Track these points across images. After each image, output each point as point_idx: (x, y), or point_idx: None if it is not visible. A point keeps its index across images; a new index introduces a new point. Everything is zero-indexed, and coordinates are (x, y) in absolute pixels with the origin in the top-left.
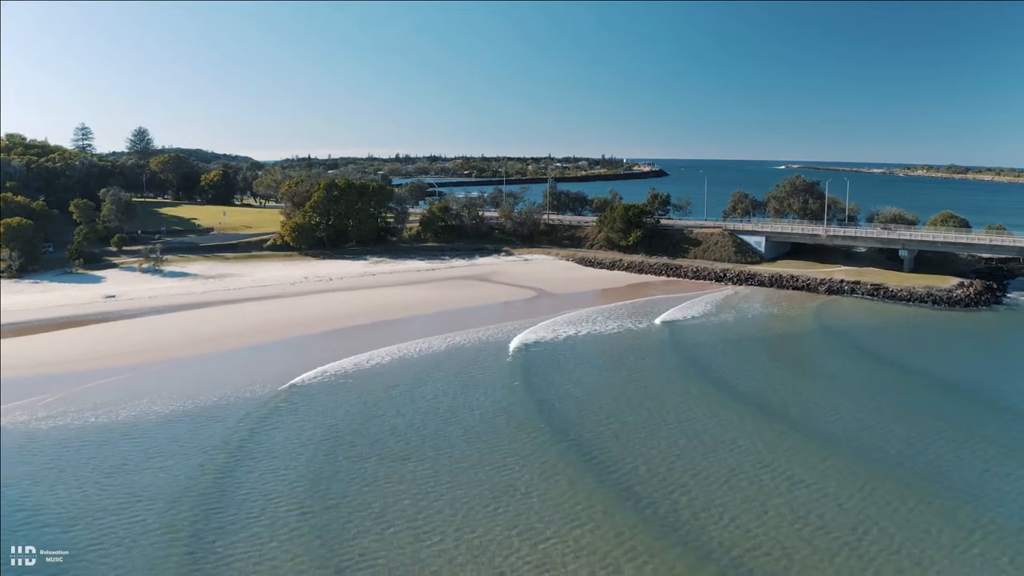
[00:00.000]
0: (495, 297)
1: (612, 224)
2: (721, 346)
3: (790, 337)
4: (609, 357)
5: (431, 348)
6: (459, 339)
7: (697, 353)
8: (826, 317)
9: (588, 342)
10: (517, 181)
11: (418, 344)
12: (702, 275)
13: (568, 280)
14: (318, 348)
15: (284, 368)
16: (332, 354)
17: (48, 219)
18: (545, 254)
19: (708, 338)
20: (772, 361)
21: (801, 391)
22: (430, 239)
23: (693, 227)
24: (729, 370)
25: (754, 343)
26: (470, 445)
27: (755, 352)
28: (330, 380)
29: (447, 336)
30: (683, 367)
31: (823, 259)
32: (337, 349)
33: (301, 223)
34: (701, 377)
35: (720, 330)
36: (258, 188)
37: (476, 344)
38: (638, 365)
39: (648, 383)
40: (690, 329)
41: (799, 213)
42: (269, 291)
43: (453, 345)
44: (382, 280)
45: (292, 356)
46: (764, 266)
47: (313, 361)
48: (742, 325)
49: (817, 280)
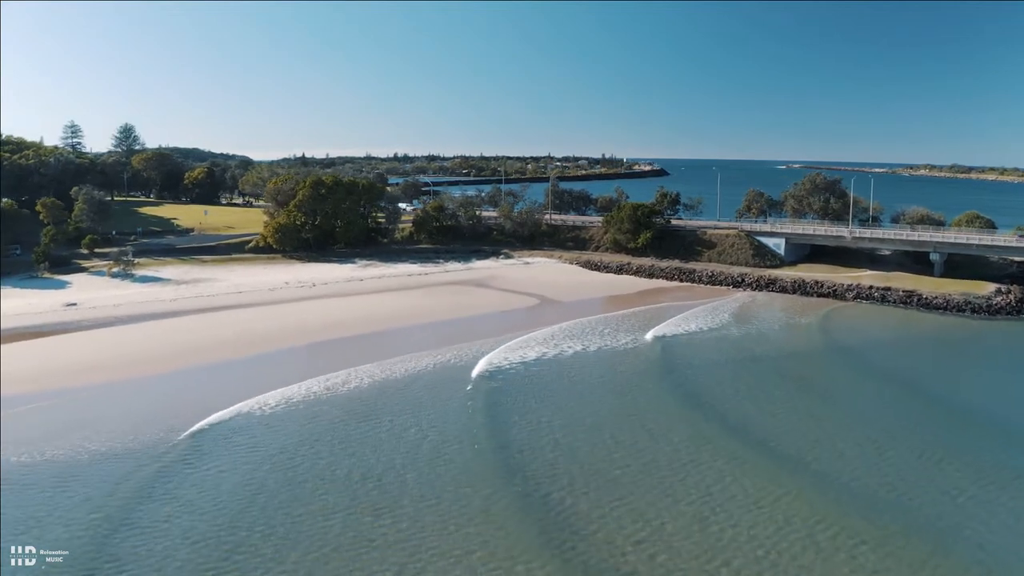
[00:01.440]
0: (492, 306)
1: (619, 225)
2: (738, 372)
3: (817, 358)
4: (613, 381)
5: (406, 370)
6: (445, 357)
7: (706, 380)
8: (856, 330)
9: (594, 360)
10: (516, 180)
11: (395, 364)
12: (718, 280)
13: (573, 286)
14: (278, 369)
15: (216, 397)
16: (291, 376)
17: (16, 219)
18: (547, 257)
19: (721, 356)
20: (796, 392)
21: (834, 440)
22: (424, 240)
23: (707, 228)
24: (747, 406)
25: (774, 365)
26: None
27: (775, 379)
28: (256, 417)
29: (432, 354)
30: (694, 397)
31: (846, 262)
32: (299, 370)
33: (285, 223)
34: (714, 419)
35: (737, 347)
36: (244, 186)
37: (458, 364)
38: (641, 393)
39: (649, 420)
40: (704, 345)
41: (820, 213)
42: (244, 298)
43: (432, 366)
44: (369, 286)
45: (240, 380)
46: (785, 270)
47: (259, 387)
48: (762, 341)
49: (844, 286)
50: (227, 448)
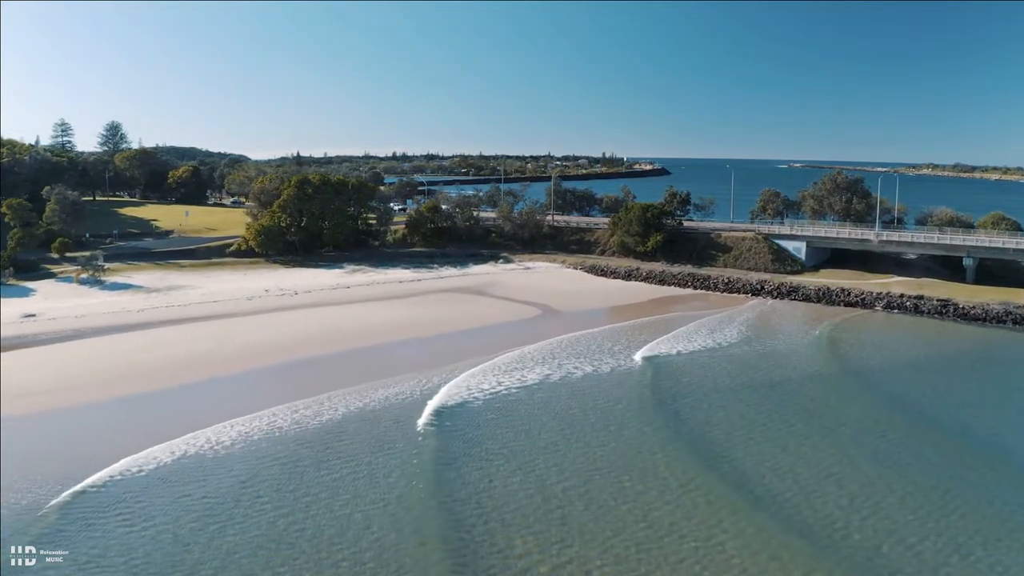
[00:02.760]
0: (490, 317)
1: (627, 227)
2: (759, 405)
3: (845, 387)
4: (608, 420)
5: (371, 401)
6: (419, 384)
7: (719, 421)
8: (888, 348)
9: (596, 388)
10: (516, 179)
11: (368, 392)
12: (735, 287)
13: (578, 293)
14: (230, 397)
15: (144, 434)
16: (243, 406)
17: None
18: (550, 261)
19: (742, 381)
20: (823, 442)
21: (863, 514)
22: (418, 243)
23: (721, 230)
24: (765, 458)
25: (799, 399)
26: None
27: (798, 418)
28: (170, 468)
29: (410, 379)
30: (702, 448)
31: (871, 267)
32: (255, 398)
33: (268, 225)
34: (734, 486)
35: (760, 370)
36: (231, 186)
37: (431, 391)
38: (645, 438)
39: (648, 486)
40: (720, 366)
41: (841, 214)
42: (218, 308)
43: (399, 397)
44: (356, 295)
45: (180, 411)
46: (807, 276)
47: (196, 422)
48: (787, 362)
49: (873, 295)
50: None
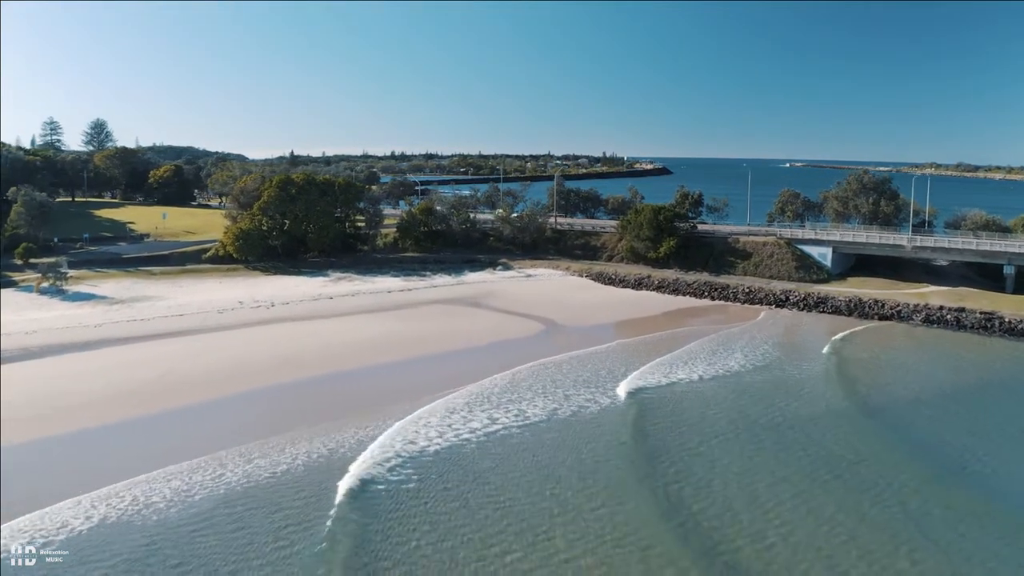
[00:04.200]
0: (487, 333)
1: (637, 230)
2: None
3: (875, 430)
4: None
5: (302, 458)
6: (375, 427)
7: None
8: (928, 373)
9: (601, 428)
10: (516, 179)
11: (325, 440)
12: (756, 298)
13: (585, 306)
14: (151, 442)
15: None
16: (164, 455)
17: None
18: (552, 268)
19: (768, 418)
20: (848, 508)
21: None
22: (410, 248)
23: (739, 235)
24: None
25: (818, 444)
26: None
27: (817, 473)
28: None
29: (374, 416)
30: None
31: (902, 275)
32: (184, 445)
33: (247, 229)
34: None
35: (776, 406)
36: (214, 185)
37: (376, 448)
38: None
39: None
40: (741, 399)
41: (868, 217)
42: (183, 323)
43: (343, 449)
44: (339, 306)
45: (97, 460)
46: (834, 285)
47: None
48: (806, 394)
49: (910, 307)
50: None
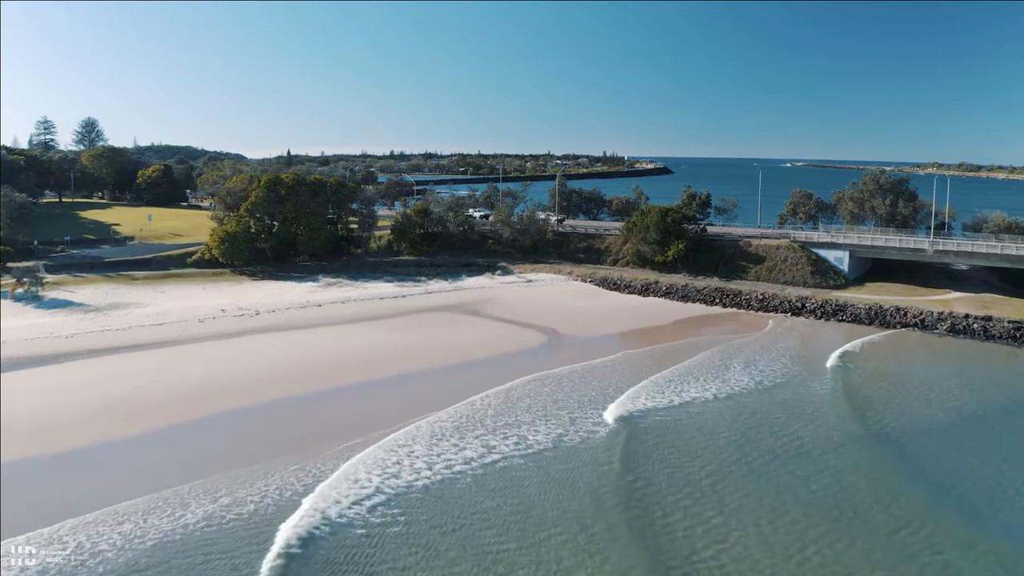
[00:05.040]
0: (485, 345)
1: (644, 233)
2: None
3: (896, 462)
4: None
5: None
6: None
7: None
8: (955, 393)
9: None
10: (516, 179)
11: (267, 480)
12: (771, 305)
13: (589, 313)
14: (120, 470)
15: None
16: (134, 485)
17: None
18: (555, 272)
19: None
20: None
21: None
22: (405, 251)
23: (750, 237)
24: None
25: (834, 485)
26: None
27: (829, 518)
28: None
29: (342, 450)
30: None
31: (921, 280)
32: (147, 478)
33: (233, 231)
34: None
35: (785, 435)
36: (203, 185)
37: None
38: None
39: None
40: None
41: (885, 219)
42: (160, 333)
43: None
44: (328, 315)
45: (35, 496)
46: (852, 291)
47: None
48: (822, 418)
49: (934, 315)
50: None
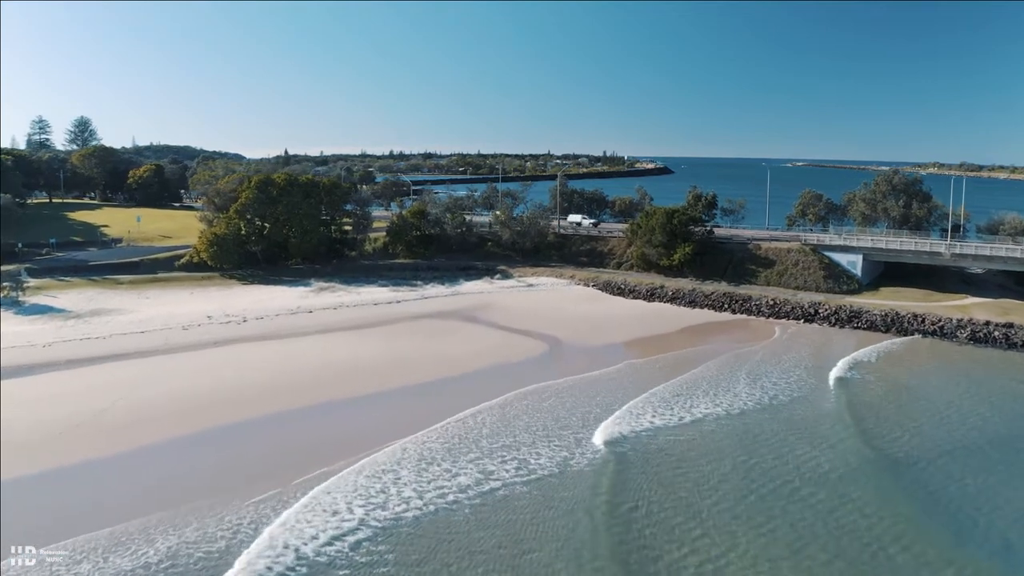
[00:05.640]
0: (481, 355)
1: (649, 235)
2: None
3: (911, 491)
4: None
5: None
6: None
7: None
8: (987, 409)
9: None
10: (516, 179)
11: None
12: (782, 311)
13: (593, 320)
14: (77, 500)
15: None
16: (88, 518)
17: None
18: (556, 276)
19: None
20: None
21: None
22: (401, 254)
23: (759, 240)
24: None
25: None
26: None
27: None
28: None
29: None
30: None
31: (937, 285)
32: (100, 511)
33: (222, 234)
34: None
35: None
36: (195, 186)
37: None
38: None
39: None
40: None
41: (898, 220)
42: (143, 342)
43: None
44: (318, 321)
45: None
46: (866, 297)
47: None
48: (831, 440)
49: (953, 322)
50: None
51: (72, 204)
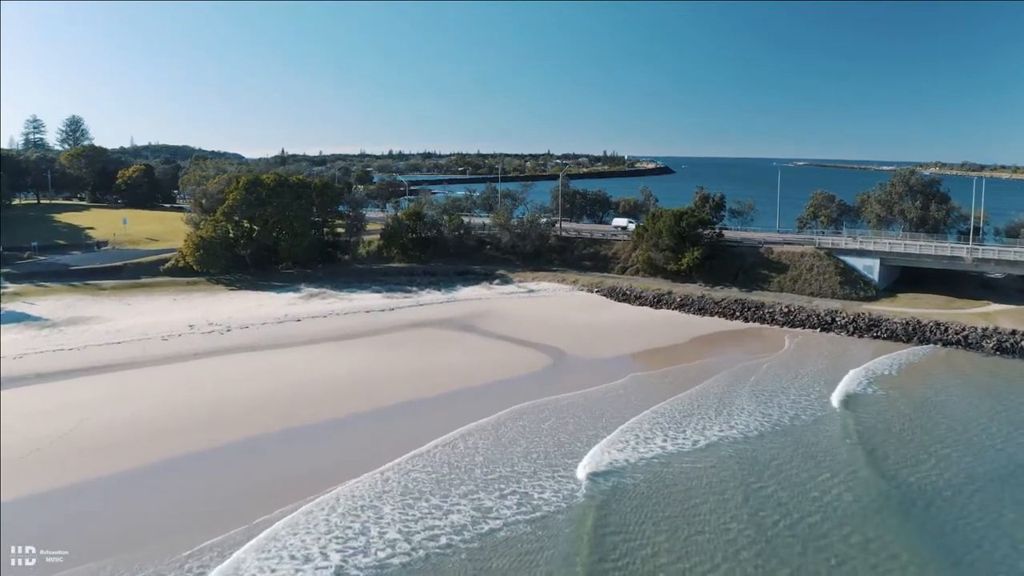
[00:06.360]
0: (480, 370)
1: (656, 239)
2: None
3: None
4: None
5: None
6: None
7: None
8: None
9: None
10: (516, 178)
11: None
12: (797, 319)
13: (597, 329)
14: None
15: None
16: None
17: None
18: (558, 282)
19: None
20: None
21: None
22: (395, 258)
23: (771, 243)
24: None
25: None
26: None
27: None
28: None
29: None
30: None
31: (956, 290)
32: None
33: (208, 237)
34: None
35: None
36: (185, 186)
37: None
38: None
39: None
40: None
41: (915, 223)
42: (119, 354)
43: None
44: (306, 331)
45: None
46: (884, 304)
47: None
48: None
49: (977, 331)
50: None
51: (60, 205)
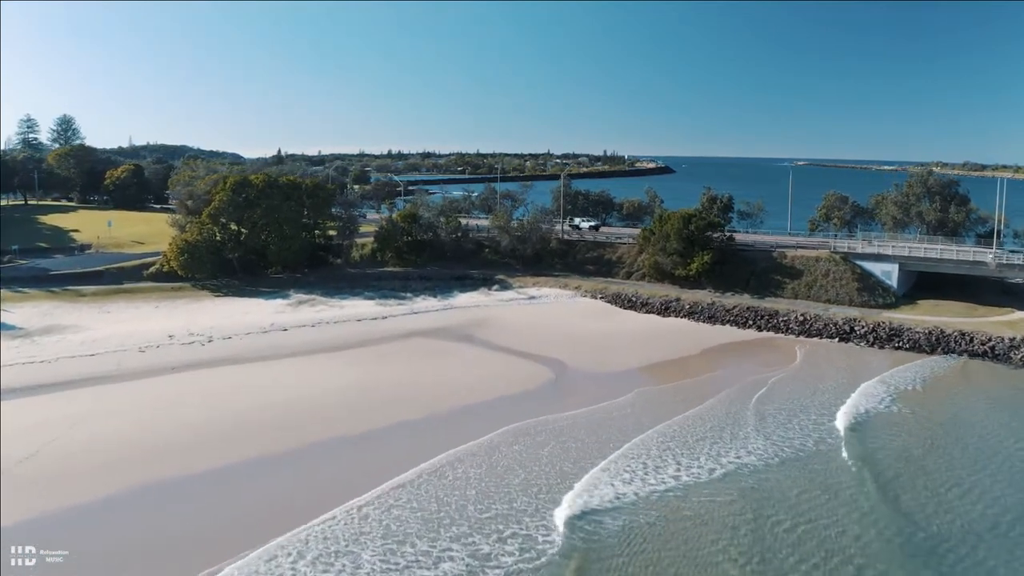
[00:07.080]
0: (478, 387)
1: (663, 242)
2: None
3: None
4: None
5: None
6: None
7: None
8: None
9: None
10: (516, 178)
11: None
12: (813, 329)
13: (602, 339)
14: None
15: None
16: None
17: None
18: (560, 287)
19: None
20: None
21: None
22: (390, 262)
23: (784, 247)
24: None
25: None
26: None
27: None
28: None
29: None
30: None
31: (976, 296)
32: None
33: (194, 240)
34: None
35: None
36: (174, 187)
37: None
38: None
39: None
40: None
41: (933, 225)
42: (92, 367)
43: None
44: (292, 341)
45: None
46: (905, 312)
47: None
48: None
49: (1005, 341)
50: None
51: (47, 207)
